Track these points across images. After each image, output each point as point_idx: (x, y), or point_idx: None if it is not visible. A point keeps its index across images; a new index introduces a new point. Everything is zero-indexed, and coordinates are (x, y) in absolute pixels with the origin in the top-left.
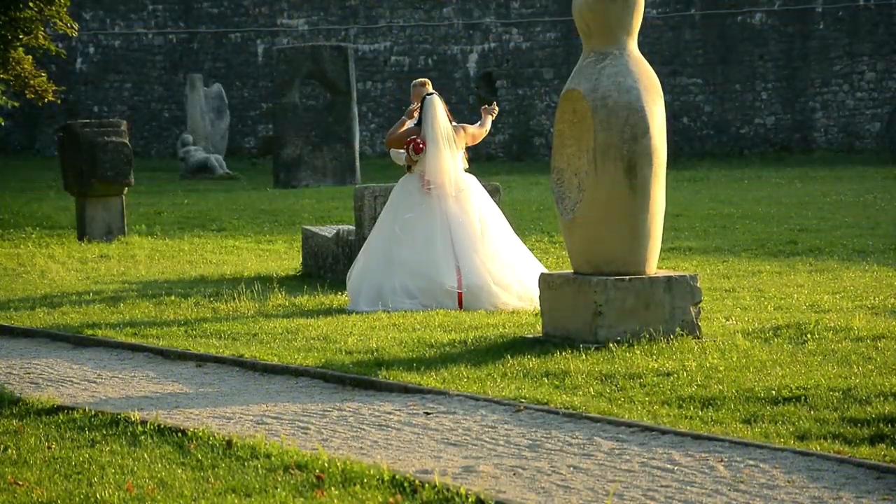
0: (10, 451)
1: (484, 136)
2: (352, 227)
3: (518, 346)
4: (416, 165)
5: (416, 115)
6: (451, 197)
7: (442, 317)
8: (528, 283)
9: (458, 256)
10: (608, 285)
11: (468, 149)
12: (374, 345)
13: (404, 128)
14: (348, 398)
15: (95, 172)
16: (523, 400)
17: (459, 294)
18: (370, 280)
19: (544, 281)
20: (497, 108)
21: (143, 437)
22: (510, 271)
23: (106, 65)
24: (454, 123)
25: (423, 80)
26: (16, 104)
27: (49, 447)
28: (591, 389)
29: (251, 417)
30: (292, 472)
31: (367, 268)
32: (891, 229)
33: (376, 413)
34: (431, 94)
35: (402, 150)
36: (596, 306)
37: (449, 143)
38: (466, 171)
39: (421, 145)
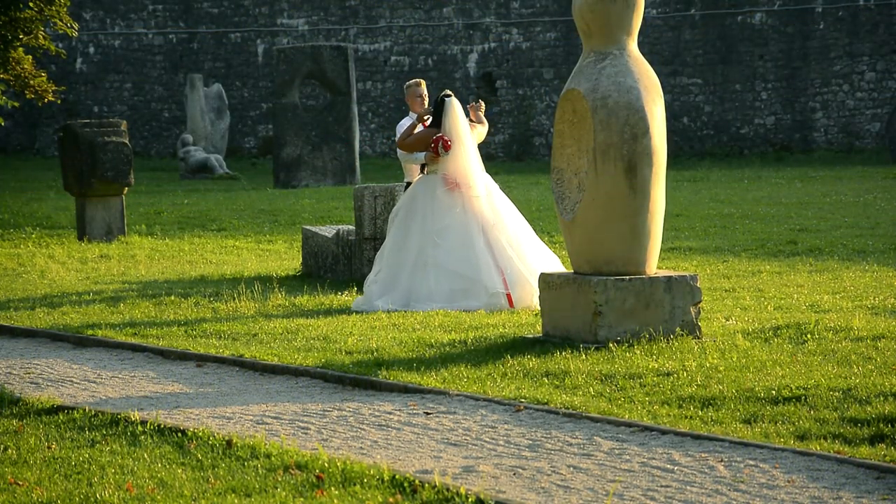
0: (10, 451)
1: (486, 132)
2: (352, 227)
3: (518, 346)
4: (436, 165)
5: (426, 122)
6: (479, 197)
7: (442, 317)
8: None
9: (498, 257)
10: (608, 285)
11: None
12: (374, 345)
13: (416, 131)
14: (348, 398)
15: (95, 172)
16: (523, 400)
17: (508, 295)
18: (399, 284)
19: (544, 281)
20: (483, 105)
21: (143, 437)
22: (546, 267)
23: (106, 65)
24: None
25: (417, 80)
26: (16, 104)
27: (49, 447)
28: (591, 389)
29: (251, 417)
30: (292, 472)
31: (395, 272)
32: (891, 229)
33: (376, 413)
34: (449, 95)
35: (418, 153)
36: (596, 306)
37: (474, 144)
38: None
39: (450, 143)
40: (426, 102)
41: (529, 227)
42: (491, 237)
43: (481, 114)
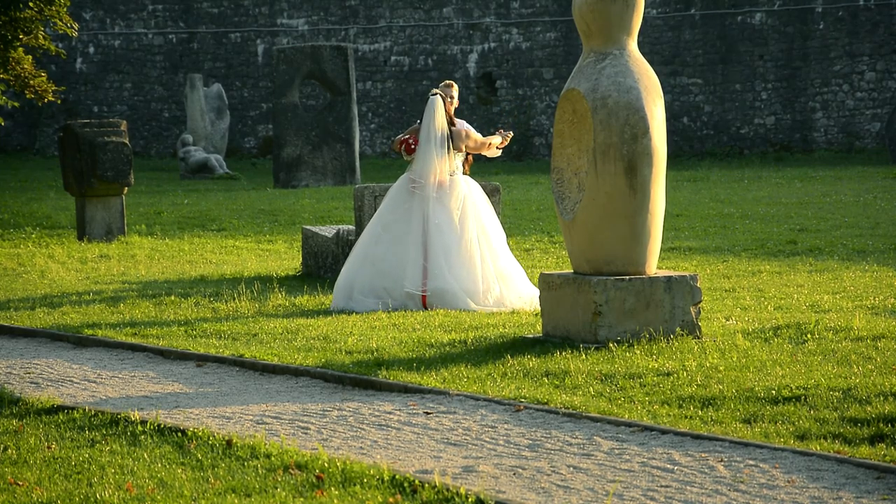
0: (10, 451)
1: (485, 150)
2: (352, 227)
3: (518, 346)
4: (411, 164)
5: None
6: (432, 198)
7: (442, 317)
8: (508, 292)
9: (428, 258)
10: (608, 285)
11: (475, 156)
12: (374, 345)
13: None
14: (348, 398)
15: (95, 172)
16: (523, 400)
17: (423, 296)
18: (345, 278)
19: (544, 281)
20: (511, 135)
21: (143, 437)
22: (479, 277)
23: (106, 65)
24: (455, 127)
25: (448, 82)
26: (16, 104)
27: (49, 447)
28: (591, 389)
29: (251, 417)
30: (292, 472)
31: (347, 265)
32: (891, 229)
33: (376, 413)
34: (435, 94)
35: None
36: (596, 306)
37: (441, 145)
38: (465, 174)
39: (413, 146)
40: (455, 104)
41: (498, 245)
42: (430, 239)
43: (499, 138)
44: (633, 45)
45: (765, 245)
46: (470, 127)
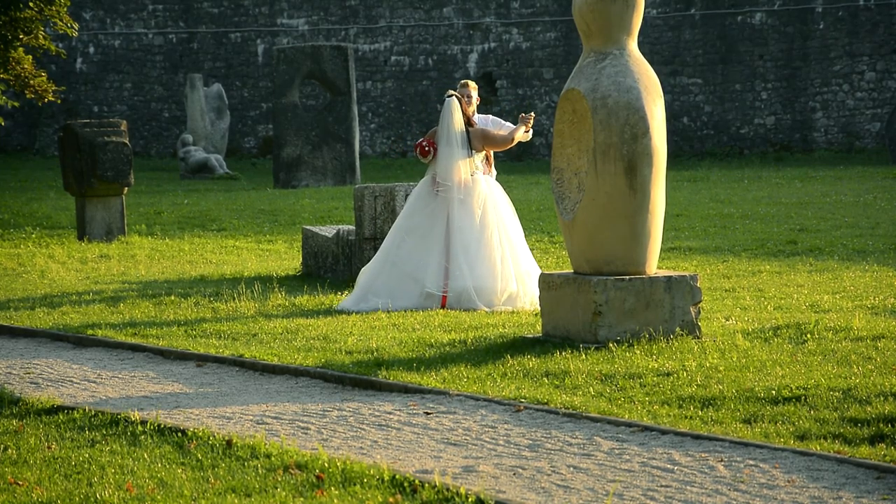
0: (10, 451)
1: (510, 143)
2: (352, 227)
3: (518, 346)
4: (430, 167)
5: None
6: (456, 199)
7: (442, 317)
8: (524, 292)
9: (450, 259)
10: (608, 285)
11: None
12: (374, 345)
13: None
14: (348, 398)
15: (95, 172)
16: (523, 400)
17: (444, 297)
18: (366, 280)
19: (544, 281)
20: (533, 116)
21: (143, 437)
22: (499, 277)
23: (106, 65)
24: (473, 127)
25: (465, 81)
26: (16, 104)
27: (49, 447)
28: (591, 389)
29: (251, 417)
30: (292, 472)
31: (367, 269)
32: (891, 229)
33: (376, 413)
34: (451, 95)
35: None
36: (596, 306)
37: (461, 146)
38: (488, 174)
39: (427, 148)
40: (474, 103)
41: (517, 247)
42: (452, 240)
43: (523, 127)
44: (633, 44)
45: (765, 245)
46: (497, 119)
